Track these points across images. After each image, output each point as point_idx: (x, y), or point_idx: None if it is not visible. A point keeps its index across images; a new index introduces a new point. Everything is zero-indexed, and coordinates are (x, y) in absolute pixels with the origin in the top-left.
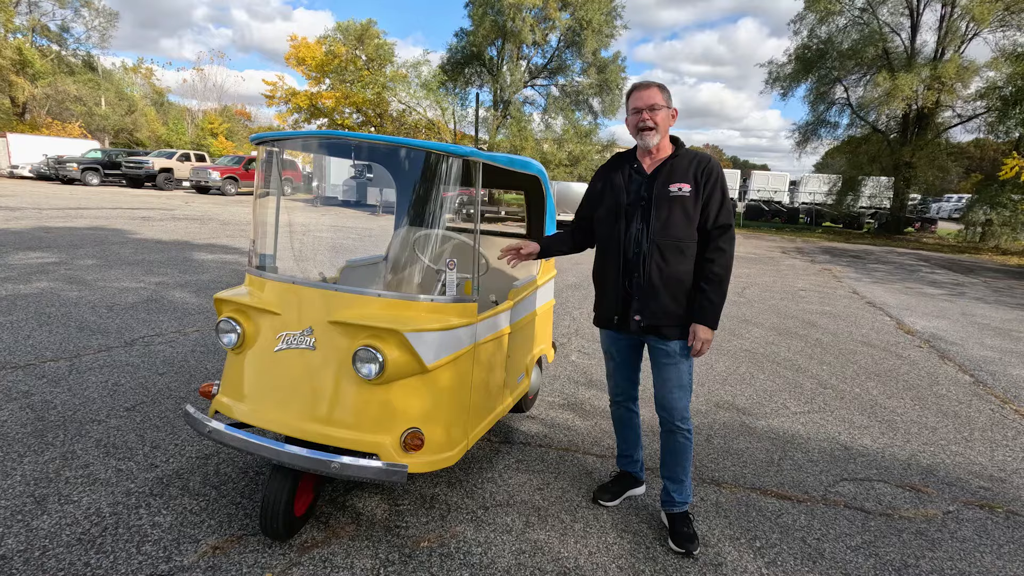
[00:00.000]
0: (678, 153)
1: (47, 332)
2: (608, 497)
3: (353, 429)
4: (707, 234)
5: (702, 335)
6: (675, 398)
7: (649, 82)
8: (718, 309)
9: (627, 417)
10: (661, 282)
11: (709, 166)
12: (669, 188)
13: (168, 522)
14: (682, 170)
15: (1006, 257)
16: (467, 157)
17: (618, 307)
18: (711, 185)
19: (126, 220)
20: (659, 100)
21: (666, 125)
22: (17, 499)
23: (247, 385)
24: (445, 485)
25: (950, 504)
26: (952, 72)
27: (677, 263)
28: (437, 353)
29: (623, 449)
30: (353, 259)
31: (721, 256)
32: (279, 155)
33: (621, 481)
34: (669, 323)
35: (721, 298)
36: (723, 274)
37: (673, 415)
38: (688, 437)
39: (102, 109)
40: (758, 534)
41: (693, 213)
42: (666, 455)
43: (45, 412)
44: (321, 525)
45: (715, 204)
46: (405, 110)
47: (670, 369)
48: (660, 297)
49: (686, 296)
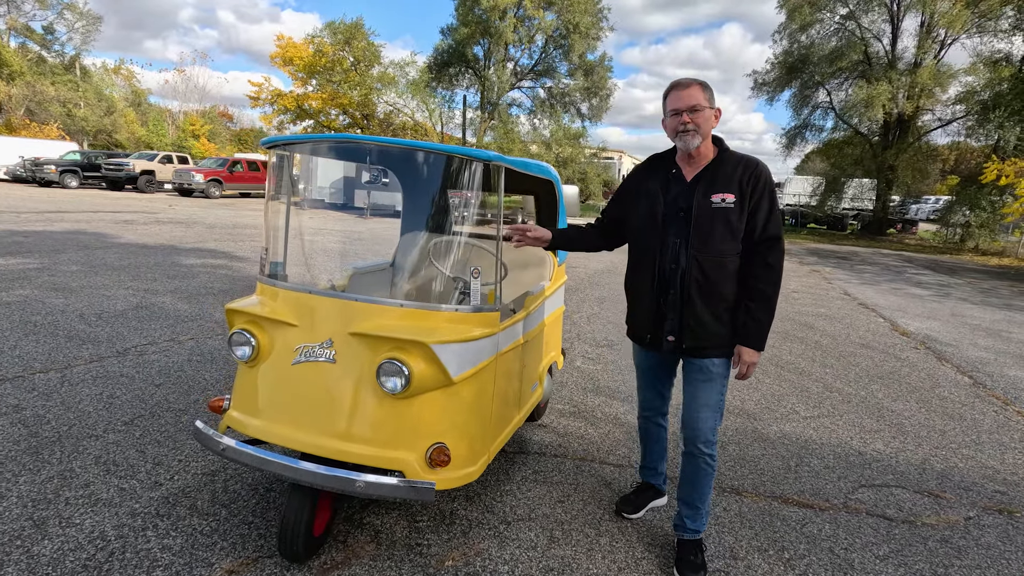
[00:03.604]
0: (721, 158)
1: (34, 342)
2: (631, 509)
3: (375, 445)
4: (753, 247)
5: (747, 358)
6: (702, 418)
7: (689, 80)
8: (765, 329)
9: (654, 431)
10: (701, 301)
11: (756, 172)
12: (711, 199)
13: (178, 545)
14: (725, 177)
15: (986, 258)
16: (490, 161)
17: (649, 325)
18: (758, 193)
19: (108, 224)
20: (701, 100)
21: (709, 127)
22: (15, 523)
23: (261, 400)
24: (463, 500)
25: (969, 510)
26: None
27: (719, 280)
28: (462, 365)
29: (647, 461)
30: (359, 265)
31: (768, 272)
32: (290, 160)
33: (643, 492)
34: (709, 344)
35: (769, 317)
36: (771, 292)
37: (697, 436)
38: (710, 464)
39: (81, 110)
40: (786, 545)
41: (737, 225)
42: (684, 478)
43: (38, 427)
44: (339, 545)
45: (762, 214)
46: (392, 112)
47: (702, 387)
48: (700, 317)
49: (729, 314)
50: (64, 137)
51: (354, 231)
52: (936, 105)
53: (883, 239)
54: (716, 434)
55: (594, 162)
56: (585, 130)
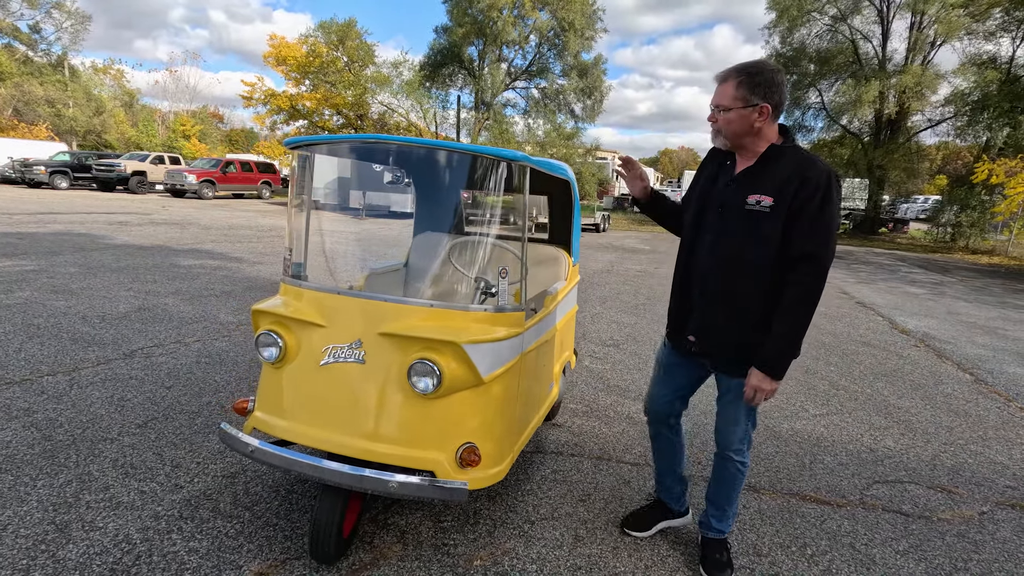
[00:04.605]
0: (774, 153)
1: (39, 345)
2: (637, 526)
3: (405, 445)
4: (787, 262)
5: (755, 381)
6: (728, 431)
7: (727, 72)
8: (784, 356)
9: (662, 439)
10: (721, 307)
11: (806, 175)
12: (747, 199)
13: (205, 547)
14: (770, 176)
15: (976, 256)
16: (515, 161)
17: (674, 321)
18: (802, 199)
19: (102, 225)
20: (728, 99)
21: (735, 129)
22: (37, 527)
23: (288, 401)
24: (486, 499)
25: (983, 505)
26: (916, 79)
27: (742, 291)
28: (492, 365)
29: (657, 473)
30: (375, 266)
31: (797, 291)
32: (312, 160)
33: (653, 510)
34: (726, 355)
35: (790, 344)
36: (797, 313)
37: (728, 444)
38: (741, 469)
39: (70, 111)
40: (807, 541)
41: (771, 233)
42: (714, 479)
43: (51, 431)
44: (366, 546)
45: (802, 224)
46: (385, 112)
47: (731, 405)
48: (718, 322)
49: (753, 329)
50: (53, 138)
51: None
52: (926, 106)
53: (875, 238)
54: (748, 443)
55: (588, 162)
56: (579, 130)
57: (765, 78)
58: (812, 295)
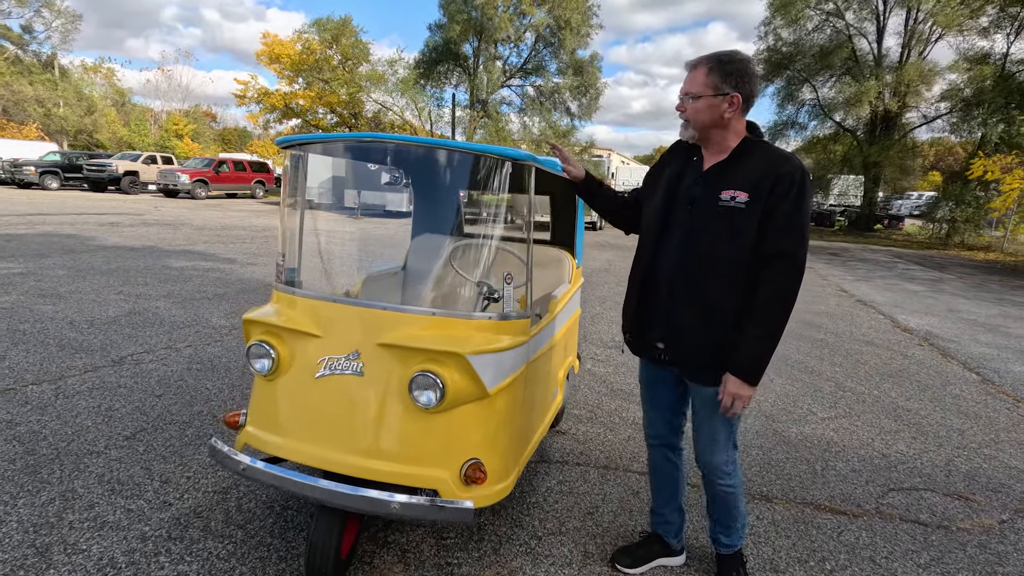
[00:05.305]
0: (746, 148)
1: (24, 351)
2: (629, 562)
3: (406, 463)
4: (760, 259)
5: (732, 388)
6: (708, 451)
7: (698, 60)
8: (760, 358)
9: (662, 466)
10: (689, 308)
11: (780, 170)
12: (720, 196)
13: (194, 571)
14: (743, 172)
15: (972, 252)
16: (521, 161)
17: (629, 323)
18: (777, 195)
19: (93, 226)
20: (698, 87)
21: (704, 118)
22: (16, 550)
23: (282, 415)
24: (490, 514)
25: (1002, 513)
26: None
27: (713, 290)
28: (497, 376)
29: (655, 503)
30: (372, 270)
31: (772, 289)
32: (306, 160)
33: (650, 545)
34: (700, 362)
35: (765, 345)
36: (772, 313)
37: (710, 470)
38: (728, 492)
39: (60, 110)
40: (826, 555)
41: (745, 229)
42: (708, 498)
43: (35, 444)
44: (366, 567)
45: (777, 221)
46: (380, 110)
47: (701, 418)
48: (685, 325)
49: (726, 332)
50: (44, 137)
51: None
52: (921, 103)
53: (871, 235)
54: (732, 465)
55: (584, 159)
56: (574, 128)
57: (736, 67)
58: (787, 294)
